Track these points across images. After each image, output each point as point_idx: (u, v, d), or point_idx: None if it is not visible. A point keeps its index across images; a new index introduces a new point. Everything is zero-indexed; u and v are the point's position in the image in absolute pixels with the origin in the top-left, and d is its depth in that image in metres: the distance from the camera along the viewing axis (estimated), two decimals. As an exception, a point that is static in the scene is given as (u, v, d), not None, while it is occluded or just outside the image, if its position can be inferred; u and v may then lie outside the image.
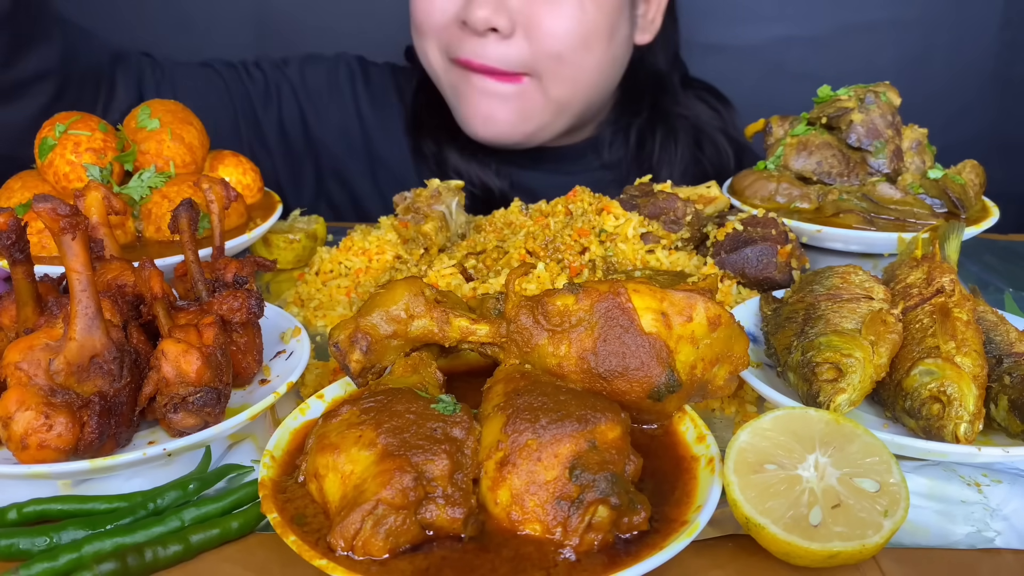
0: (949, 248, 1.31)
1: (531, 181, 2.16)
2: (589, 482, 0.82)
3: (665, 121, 2.24)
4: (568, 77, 1.94)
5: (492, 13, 1.84)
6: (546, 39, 1.88)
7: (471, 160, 2.15)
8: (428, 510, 0.83)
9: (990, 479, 1.02)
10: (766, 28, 2.75)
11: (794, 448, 0.91)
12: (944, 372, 1.00)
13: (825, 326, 1.11)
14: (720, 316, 0.98)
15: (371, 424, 0.87)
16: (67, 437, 0.92)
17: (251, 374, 1.14)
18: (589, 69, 1.97)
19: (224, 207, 1.27)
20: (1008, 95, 2.87)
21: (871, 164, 1.65)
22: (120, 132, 1.53)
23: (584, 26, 1.89)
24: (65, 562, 0.86)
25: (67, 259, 0.93)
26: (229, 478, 1.02)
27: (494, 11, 1.84)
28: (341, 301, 1.46)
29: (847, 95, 1.68)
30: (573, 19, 1.88)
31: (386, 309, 1.03)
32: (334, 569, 0.78)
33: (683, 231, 1.45)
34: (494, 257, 1.41)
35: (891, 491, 0.87)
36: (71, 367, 0.94)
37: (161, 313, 1.03)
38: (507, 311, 1.00)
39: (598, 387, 0.95)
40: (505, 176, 2.14)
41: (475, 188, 2.11)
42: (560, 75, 1.93)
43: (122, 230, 1.43)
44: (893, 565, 0.90)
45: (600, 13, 1.91)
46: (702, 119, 2.24)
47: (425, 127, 2.18)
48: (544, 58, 1.90)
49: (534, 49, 1.89)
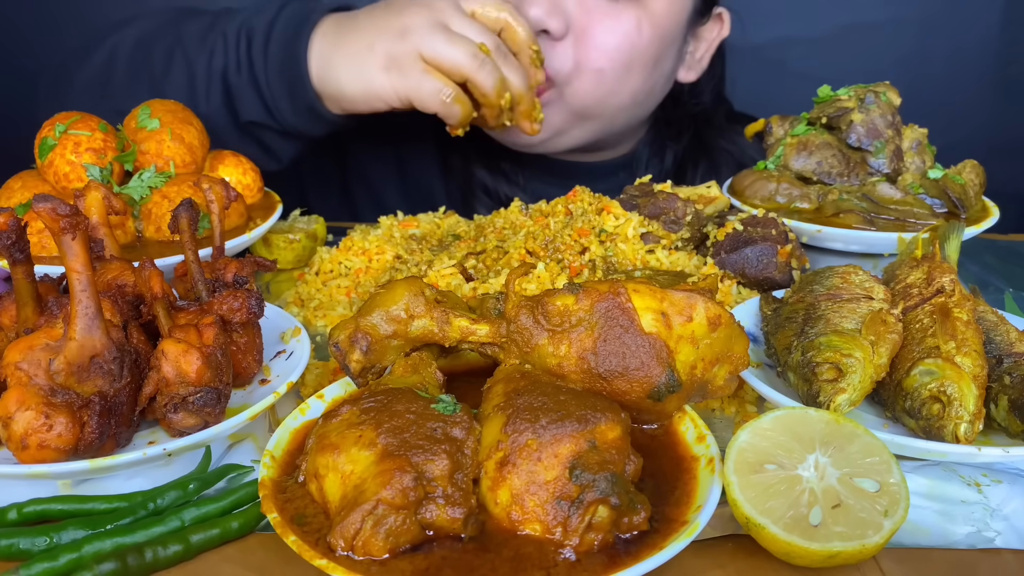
0: (949, 248, 1.31)
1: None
2: (589, 482, 0.82)
3: (708, 154, 2.20)
4: (596, 92, 1.88)
5: (546, 14, 1.76)
6: (593, 51, 1.82)
7: (499, 176, 2.11)
8: (428, 510, 0.83)
9: (990, 479, 1.02)
10: (766, 28, 2.75)
11: (794, 448, 0.91)
12: (944, 372, 1.00)
13: (825, 326, 1.11)
14: (720, 316, 0.98)
15: (371, 424, 0.87)
16: (67, 437, 0.92)
17: (251, 374, 1.14)
18: (623, 93, 1.91)
19: (224, 207, 1.27)
20: (1008, 95, 2.87)
21: (871, 164, 1.65)
22: (120, 132, 1.53)
23: (635, 48, 1.84)
24: (65, 562, 0.86)
25: (67, 259, 0.93)
26: (229, 478, 1.02)
27: (548, 12, 1.76)
28: (341, 301, 1.46)
29: (847, 95, 1.68)
30: (627, 37, 1.82)
31: (386, 309, 1.03)
32: (334, 569, 0.79)
33: (683, 231, 1.45)
34: (494, 257, 1.41)
35: (891, 491, 0.87)
36: (71, 367, 0.94)
37: (161, 313, 1.03)
38: (507, 311, 1.00)
39: (598, 387, 0.95)
40: (532, 192, 2.08)
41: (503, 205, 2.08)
42: (589, 89, 1.86)
43: (122, 230, 1.43)
44: (893, 565, 0.90)
45: (654, 38, 1.85)
46: (747, 153, 2.18)
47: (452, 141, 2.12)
48: (585, 70, 1.84)
49: (579, 58, 1.82)
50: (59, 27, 2.87)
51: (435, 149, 2.20)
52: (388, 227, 1.63)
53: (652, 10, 1.84)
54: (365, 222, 1.74)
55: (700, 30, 2.03)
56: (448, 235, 1.63)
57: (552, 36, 1.79)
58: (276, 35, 1.71)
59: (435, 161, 2.21)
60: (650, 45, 1.86)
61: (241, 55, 1.74)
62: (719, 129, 2.22)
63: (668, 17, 1.88)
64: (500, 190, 2.11)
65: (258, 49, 1.73)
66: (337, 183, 2.27)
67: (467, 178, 2.13)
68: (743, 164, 2.17)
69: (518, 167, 2.10)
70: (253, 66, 1.73)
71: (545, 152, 2.02)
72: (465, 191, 2.16)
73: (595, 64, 1.83)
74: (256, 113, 1.76)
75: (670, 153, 2.20)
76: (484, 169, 2.12)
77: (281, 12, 1.73)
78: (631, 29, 1.82)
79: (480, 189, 2.13)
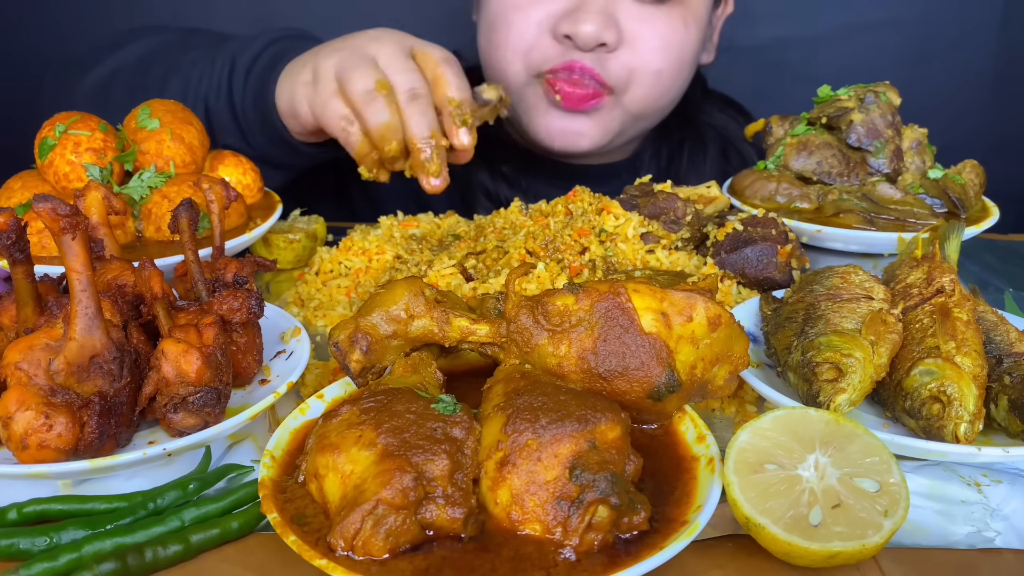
0: (949, 248, 1.31)
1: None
2: (589, 482, 0.82)
3: (693, 129, 2.22)
4: (653, 93, 1.91)
5: (602, 28, 1.77)
6: (649, 54, 1.84)
7: (500, 180, 2.12)
8: (428, 510, 0.83)
9: (990, 479, 1.02)
10: (766, 28, 2.75)
11: (794, 448, 0.91)
12: (944, 372, 1.00)
13: (825, 326, 1.11)
14: (720, 316, 0.98)
15: (371, 424, 0.87)
16: (67, 437, 0.92)
17: (251, 374, 1.14)
18: (675, 88, 1.96)
19: (224, 207, 1.27)
20: (1008, 95, 2.87)
21: (871, 164, 1.65)
22: (120, 132, 1.53)
23: (686, 47, 1.89)
24: (65, 562, 0.86)
25: (67, 259, 0.93)
26: (229, 478, 1.02)
27: (603, 26, 1.77)
28: (341, 301, 1.46)
29: (847, 95, 1.68)
30: (677, 37, 1.87)
31: (386, 309, 1.03)
32: (334, 569, 0.79)
33: (683, 231, 1.45)
34: (494, 257, 1.41)
35: (891, 491, 0.87)
36: (71, 367, 0.94)
37: (161, 313, 1.03)
38: (507, 311, 1.00)
39: (598, 387, 0.95)
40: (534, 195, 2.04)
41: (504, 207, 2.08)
42: (646, 90, 1.89)
43: (122, 230, 1.43)
44: (893, 565, 0.90)
45: (698, 35, 1.92)
46: (729, 128, 2.23)
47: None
48: (642, 73, 1.86)
49: (635, 64, 1.84)
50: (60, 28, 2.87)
51: None
52: (388, 227, 1.63)
53: (692, 6, 1.89)
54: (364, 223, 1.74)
55: (716, 13, 2.08)
56: (448, 235, 1.63)
57: (607, 48, 1.82)
58: (256, 68, 1.73)
59: None
60: (696, 40, 1.93)
61: (222, 83, 1.76)
62: (698, 104, 2.25)
63: (703, 8, 1.94)
64: (501, 193, 2.11)
65: (238, 78, 1.74)
66: (334, 186, 2.27)
67: (467, 181, 2.12)
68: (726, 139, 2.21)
69: (520, 170, 2.10)
70: (232, 94, 1.75)
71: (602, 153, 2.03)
72: (466, 194, 2.16)
73: (652, 67, 1.87)
74: (233, 139, 1.77)
75: (665, 146, 2.22)
76: (485, 172, 2.12)
77: (267, 48, 1.75)
78: (680, 28, 1.87)
79: (481, 192, 2.13)
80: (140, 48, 1.88)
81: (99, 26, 2.83)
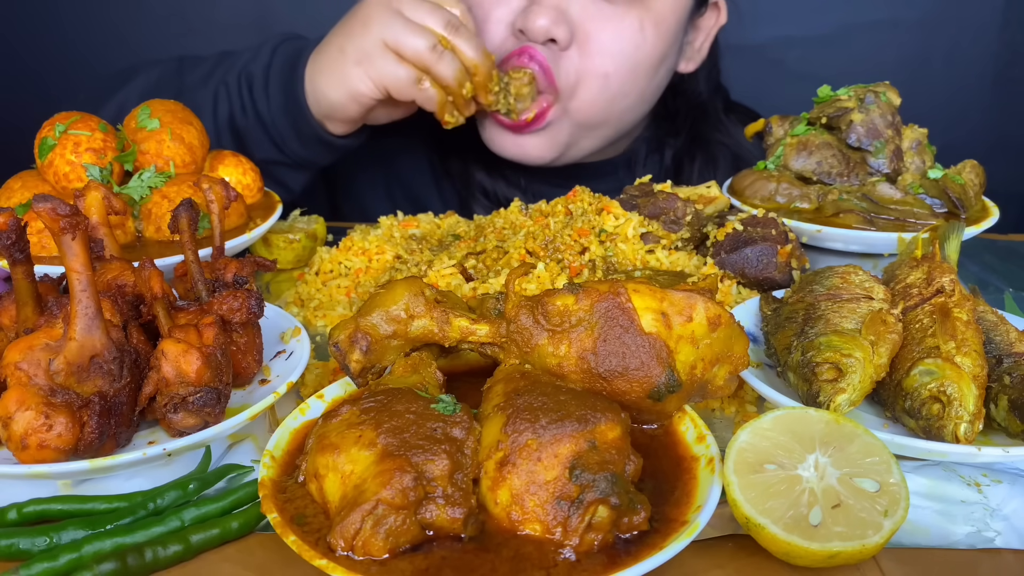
0: (949, 248, 1.31)
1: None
2: (589, 482, 0.82)
3: (705, 148, 2.19)
4: (601, 98, 1.86)
5: (552, 23, 1.75)
6: (596, 56, 1.80)
7: (498, 178, 2.11)
8: (428, 510, 0.83)
9: (990, 479, 1.02)
10: (766, 28, 2.75)
11: (794, 448, 0.91)
12: (944, 372, 1.00)
13: (825, 326, 1.11)
14: (720, 316, 0.98)
15: (371, 424, 0.87)
16: (67, 437, 0.92)
17: (251, 374, 1.14)
18: (630, 95, 1.90)
19: (224, 207, 1.27)
20: (1008, 95, 2.87)
21: (871, 164, 1.65)
22: (120, 132, 1.53)
23: (639, 51, 1.83)
24: (65, 562, 0.86)
25: (67, 259, 0.93)
26: (229, 478, 1.02)
27: (554, 21, 1.76)
28: (341, 301, 1.46)
29: (847, 95, 1.68)
30: (630, 41, 1.82)
31: (386, 309, 1.03)
32: (334, 569, 0.79)
33: (683, 231, 1.45)
34: (494, 257, 1.41)
35: (891, 491, 0.87)
36: (71, 367, 0.94)
37: (161, 313, 1.03)
38: (507, 311, 1.00)
39: (598, 387, 0.95)
40: (533, 194, 2.07)
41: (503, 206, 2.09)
42: (593, 95, 1.85)
43: (122, 230, 1.42)
44: (893, 565, 0.90)
45: (658, 40, 1.85)
46: (744, 146, 2.17)
47: (450, 144, 2.11)
48: (589, 76, 1.82)
49: (583, 65, 1.81)
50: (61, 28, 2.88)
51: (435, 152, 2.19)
52: (388, 227, 1.63)
53: (654, 9, 1.83)
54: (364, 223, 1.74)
55: (699, 20, 2.03)
56: (448, 235, 1.63)
57: (559, 46, 1.79)
58: (273, 77, 1.80)
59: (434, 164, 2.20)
60: (654, 45, 1.86)
61: (245, 100, 1.82)
62: (716, 122, 2.22)
63: (671, 14, 1.87)
64: (499, 192, 2.11)
65: (259, 92, 1.81)
66: (332, 187, 2.27)
67: (466, 181, 2.12)
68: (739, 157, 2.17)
69: (518, 169, 2.10)
70: (257, 108, 1.81)
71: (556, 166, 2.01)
72: (464, 194, 2.16)
73: (599, 69, 1.82)
74: (267, 151, 1.84)
75: (669, 150, 2.19)
76: (483, 171, 2.12)
77: (275, 55, 1.82)
78: (634, 31, 1.81)
79: (479, 192, 2.13)
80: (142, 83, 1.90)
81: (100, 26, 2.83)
